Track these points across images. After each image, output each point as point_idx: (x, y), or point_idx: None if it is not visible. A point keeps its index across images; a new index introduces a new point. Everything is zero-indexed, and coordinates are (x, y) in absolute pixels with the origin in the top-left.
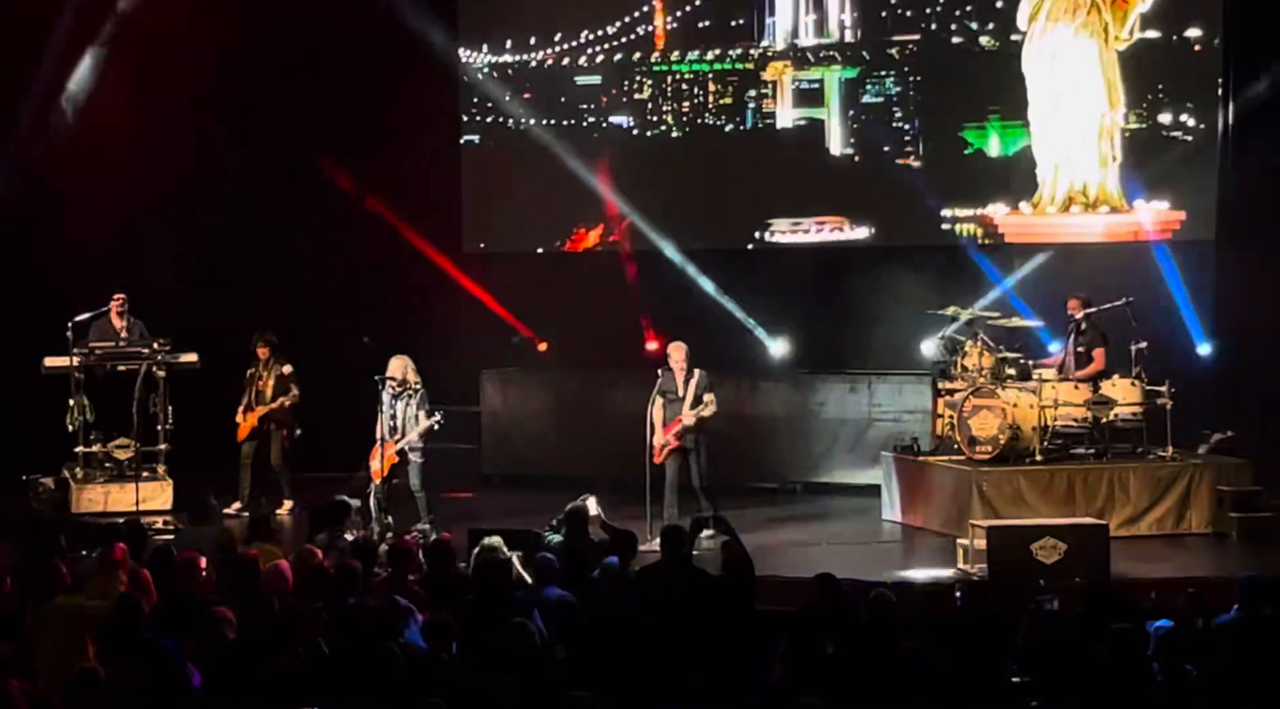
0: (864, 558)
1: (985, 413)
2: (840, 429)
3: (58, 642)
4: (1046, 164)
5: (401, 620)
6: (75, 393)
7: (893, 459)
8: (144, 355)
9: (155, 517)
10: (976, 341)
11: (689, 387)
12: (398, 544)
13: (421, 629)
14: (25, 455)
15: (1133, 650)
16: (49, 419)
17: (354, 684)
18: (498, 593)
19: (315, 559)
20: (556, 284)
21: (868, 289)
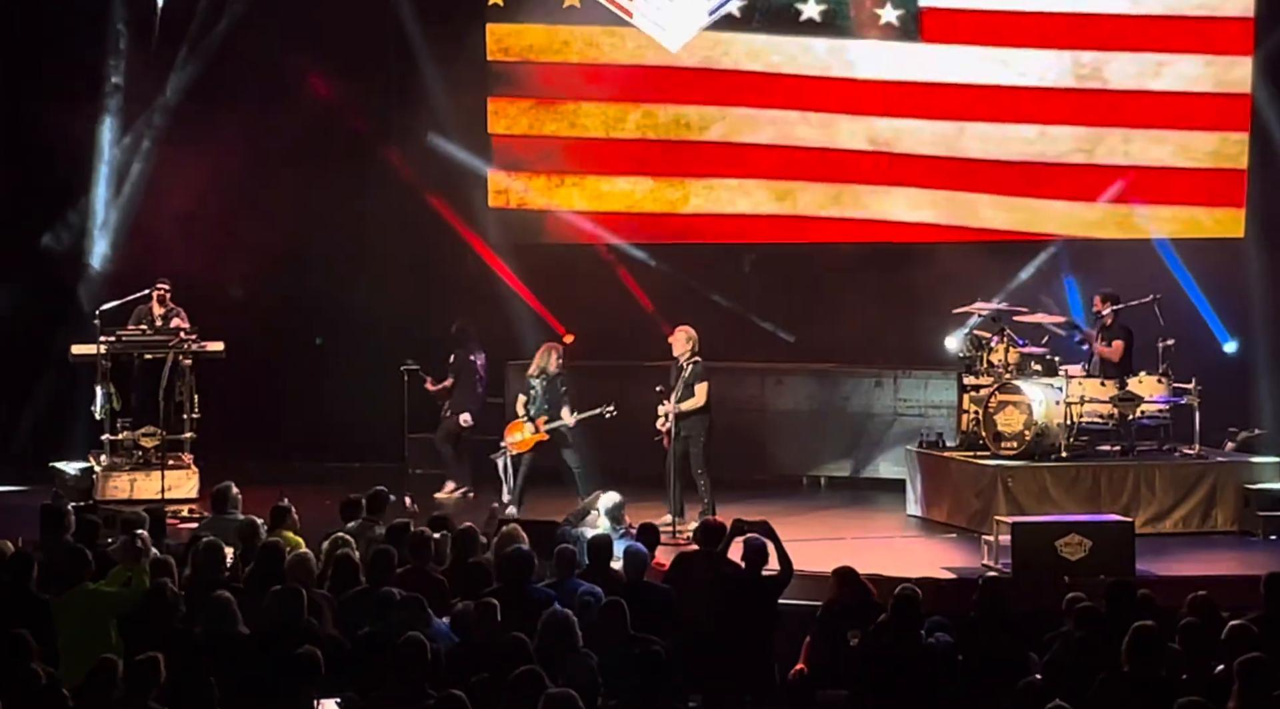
0: (888, 553)
1: (1011, 409)
2: (865, 424)
3: (80, 628)
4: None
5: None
6: (102, 381)
7: (917, 454)
8: (170, 344)
9: (181, 505)
10: (1002, 337)
11: (680, 377)
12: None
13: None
14: (52, 443)
15: (1155, 649)
16: (76, 407)
17: (378, 673)
18: (523, 584)
19: (340, 549)
20: (584, 275)
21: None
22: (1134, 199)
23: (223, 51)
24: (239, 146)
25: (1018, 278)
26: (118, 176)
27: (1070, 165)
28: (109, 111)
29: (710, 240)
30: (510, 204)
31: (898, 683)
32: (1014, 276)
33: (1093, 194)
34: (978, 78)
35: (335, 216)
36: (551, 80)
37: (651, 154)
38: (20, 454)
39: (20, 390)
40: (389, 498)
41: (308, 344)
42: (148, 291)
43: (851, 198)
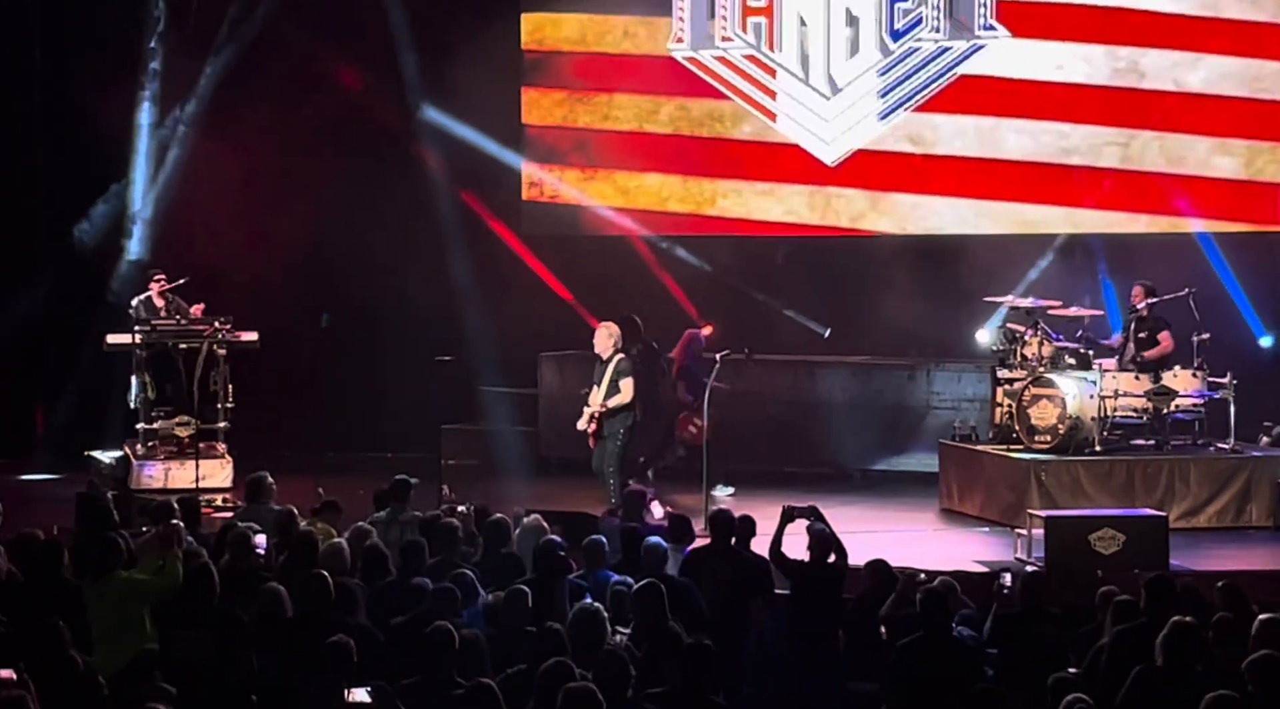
0: (920, 546)
1: (1045, 402)
2: (898, 417)
3: (114, 615)
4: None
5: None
6: (137, 370)
7: (950, 447)
8: (205, 334)
9: (215, 494)
10: (1036, 330)
11: (605, 372)
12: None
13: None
14: (88, 432)
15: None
16: (111, 396)
17: (409, 663)
18: (556, 575)
19: (370, 539)
20: (616, 267)
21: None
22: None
23: (258, 40)
24: (271, 136)
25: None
26: (154, 164)
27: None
28: (147, 98)
29: (742, 234)
30: (543, 197)
31: (929, 676)
32: (1042, 269)
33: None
34: (1013, 73)
35: (368, 207)
36: (586, 71)
37: (683, 149)
38: (56, 443)
39: (56, 380)
40: (411, 485)
41: (340, 335)
42: (182, 282)
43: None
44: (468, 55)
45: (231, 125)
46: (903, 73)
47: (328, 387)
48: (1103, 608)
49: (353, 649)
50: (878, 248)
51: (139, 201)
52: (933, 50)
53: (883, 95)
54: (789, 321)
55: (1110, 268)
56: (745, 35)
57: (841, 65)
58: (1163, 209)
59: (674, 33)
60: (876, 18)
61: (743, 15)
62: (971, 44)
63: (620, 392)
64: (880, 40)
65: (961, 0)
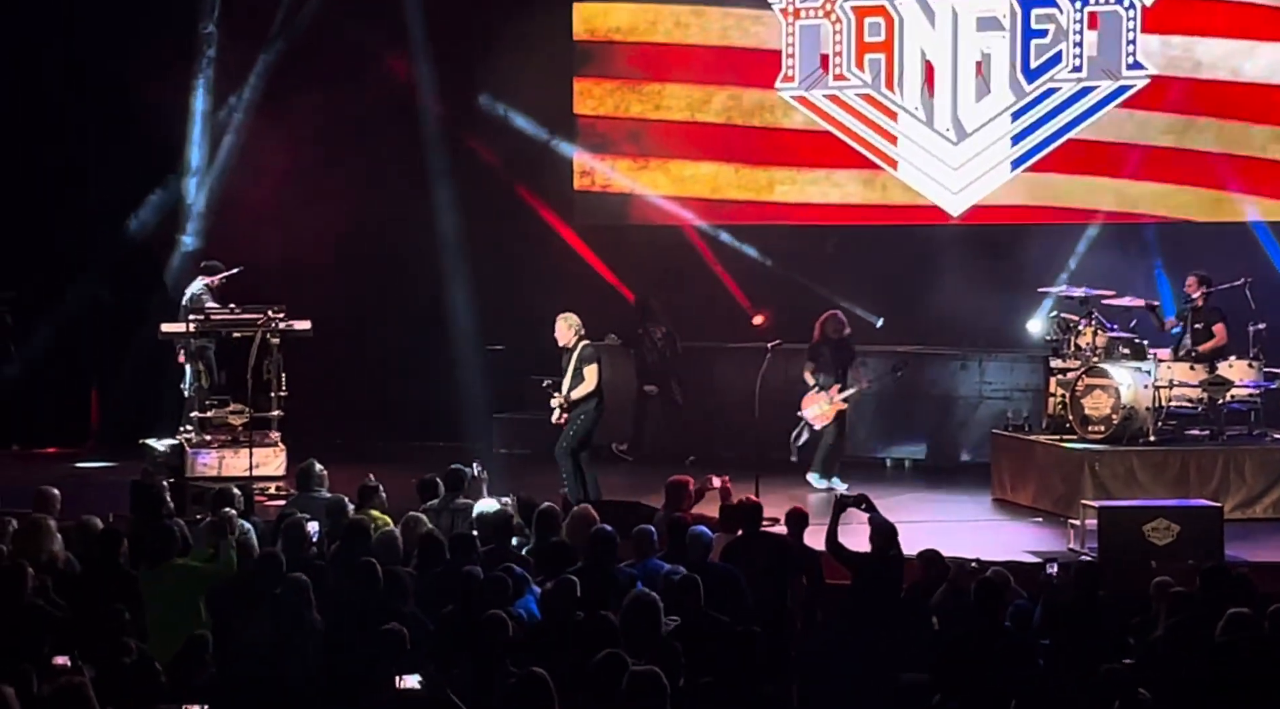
0: (972, 537)
1: (1098, 392)
2: (950, 406)
3: (169, 603)
4: None
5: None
6: (191, 359)
7: (1003, 437)
8: (258, 323)
9: (268, 482)
10: (1090, 320)
11: (570, 361)
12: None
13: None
14: (143, 420)
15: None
16: (166, 385)
17: (461, 651)
18: (607, 564)
19: (423, 527)
20: (666, 256)
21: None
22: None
23: (311, 29)
24: (325, 125)
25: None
26: (209, 153)
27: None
28: (201, 86)
29: (795, 222)
30: (595, 186)
31: (981, 667)
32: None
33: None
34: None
35: (420, 197)
36: (637, 60)
37: (735, 138)
38: (111, 431)
39: (111, 368)
40: (466, 475)
41: (394, 325)
42: (235, 271)
43: (938, 182)
44: (520, 45)
45: (285, 114)
46: (1038, 117)
47: (380, 375)
48: (1158, 598)
49: (405, 637)
50: (930, 237)
51: (193, 191)
52: (1073, 92)
53: (1016, 141)
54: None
55: (1165, 258)
56: (861, 73)
57: (970, 107)
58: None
59: (783, 71)
60: (1009, 55)
61: (859, 52)
62: (1117, 86)
63: (585, 379)
64: (1014, 80)
65: (1105, 36)
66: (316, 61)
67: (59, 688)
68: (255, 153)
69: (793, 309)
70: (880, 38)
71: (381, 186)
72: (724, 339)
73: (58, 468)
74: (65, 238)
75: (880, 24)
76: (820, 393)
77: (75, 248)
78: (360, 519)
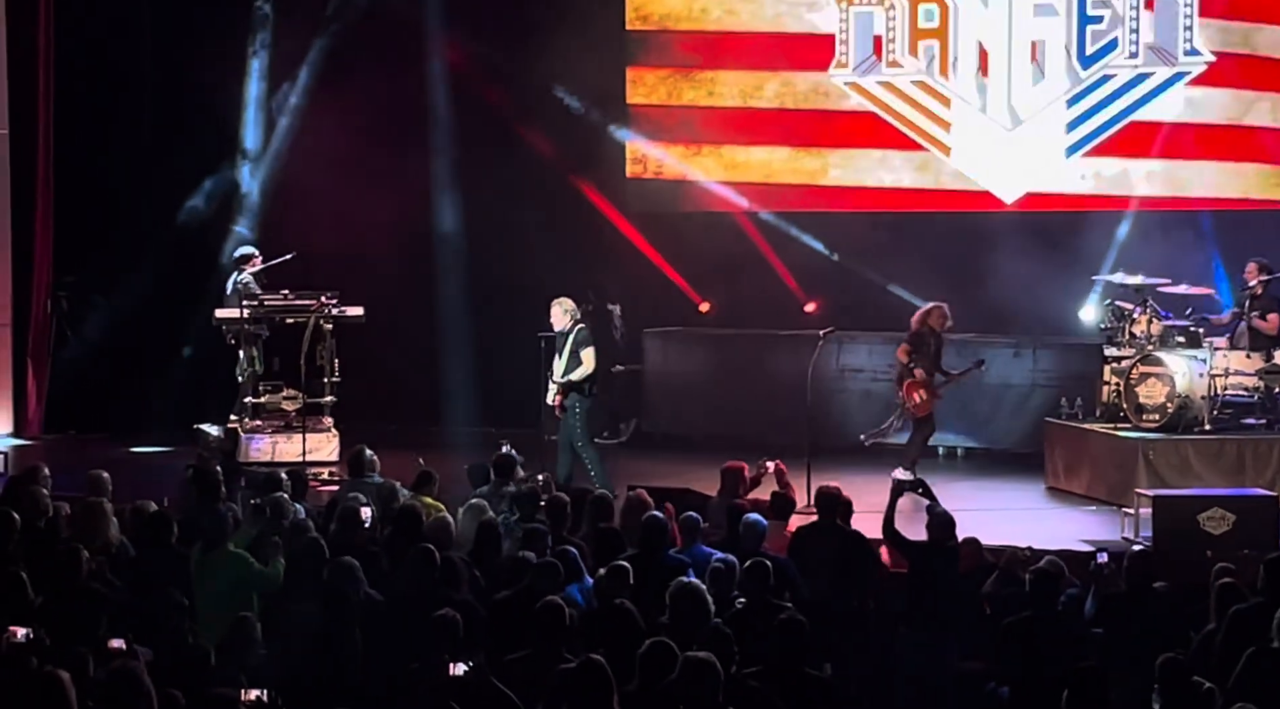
0: (1026, 525)
1: (1153, 381)
2: (1003, 394)
3: (221, 589)
4: None
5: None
6: (245, 344)
7: (1056, 426)
8: (312, 309)
9: (321, 467)
10: (1145, 308)
11: (565, 344)
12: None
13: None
14: (196, 405)
15: None
16: (220, 370)
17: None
18: (658, 551)
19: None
20: (719, 243)
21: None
22: None
23: (366, 15)
24: (379, 112)
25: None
26: (263, 140)
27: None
28: (256, 72)
29: (848, 209)
30: (647, 173)
31: (1036, 655)
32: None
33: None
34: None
35: (473, 184)
36: (690, 48)
37: (789, 123)
38: (165, 416)
39: (165, 353)
40: (515, 461)
41: (446, 311)
42: (289, 257)
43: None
44: (572, 34)
45: (339, 100)
46: (1094, 103)
47: (432, 362)
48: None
49: (459, 624)
50: (983, 223)
51: (247, 177)
52: (1129, 78)
53: (1071, 128)
54: (892, 297)
55: (1222, 247)
56: (915, 60)
57: (1024, 94)
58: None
59: (836, 57)
60: (1065, 41)
61: (912, 38)
62: (1174, 72)
63: (583, 363)
64: (1069, 66)
65: (1161, 21)
66: (371, 46)
67: (113, 672)
68: (309, 138)
69: (845, 296)
70: (934, 24)
71: (433, 173)
72: (776, 326)
73: (113, 453)
74: (123, 224)
75: (934, 10)
76: (920, 381)
77: (132, 234)
78: (413, 505)
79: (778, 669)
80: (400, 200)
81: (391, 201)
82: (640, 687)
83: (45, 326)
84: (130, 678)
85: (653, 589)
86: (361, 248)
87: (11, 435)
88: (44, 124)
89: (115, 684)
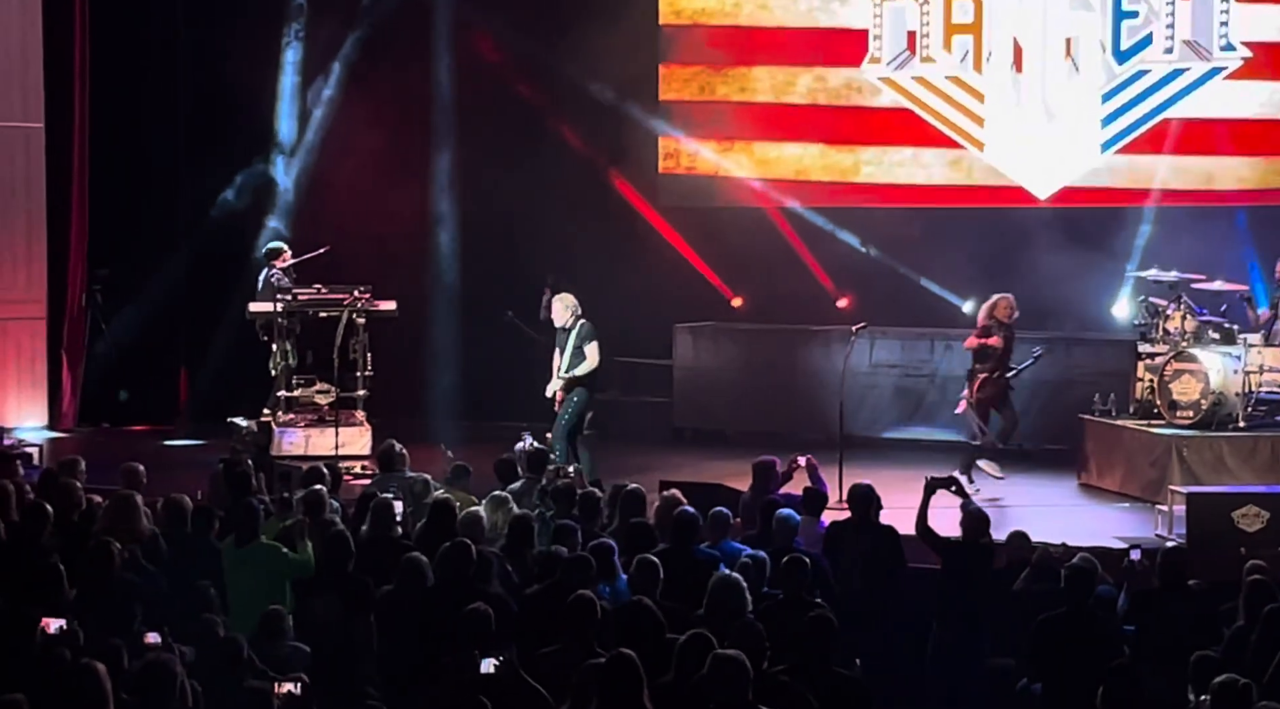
0: (1059, 521)
1: (1187, 377)
2: (1037, 390)
3: (254, 582)
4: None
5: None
6: (278, 338)
7: (1090, 422)
8: (345, 303)
9: (353, 461)
10: (1179, 304)
11: (568, 339)
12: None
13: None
14: (229, 398)
15: None
16: (253, 363)
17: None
18: (688, 546)
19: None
20: (751, 238)
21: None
22: None
23: (400, 8)
24: (412, 105)
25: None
26: (297, 132)
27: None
28: (290, 64)
29: (881, 205)
30: (679, 168)
31: (1069, 653)
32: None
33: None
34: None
35: (505, 178)
36: (722, 43)
37: (822, 119)
38: (199, 409)
39: (198, 347)
40: (548, 455)
41: (478, 306)
42: (322, 251)
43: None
44: (605, 28)
45: (372, 94)
46: (1129, 98)
47: (464, 356)
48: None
49: (491, 618)
50: (1017, 219)
51: (281, 170)
52: (1165, 73)
53: (1106, 123)
54: (926, 293)
55: (1257, 242)
56: (949, 55)
57: (1059, 89)
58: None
59: (870, 52)
60: (1100, 37)
61: (946, 33)
62: (1210, 67)
63: (587, 358)
64: (1104, 62)
65: (1197, 17)
66: (403, 40)
67: (147, 664)
68: (342, 131)
69: (877, 291)
70: (968, 19)
71: (467, 168)
72: (808, 321)
73: (146, 445)
74: (157, 217)
75: (969, 5)
76: (988, 375)
77: (166, 227)
78: (446, 498)
79: (807, 666)
80: (431, 194)
81: (422, 195)
82: (675, 679)
83: (80, 320)
84: (164, 670)
85: (683, 584)
86: (393, 241)
87: (46, 428)
88: (79, 119)
89: (148, 677)
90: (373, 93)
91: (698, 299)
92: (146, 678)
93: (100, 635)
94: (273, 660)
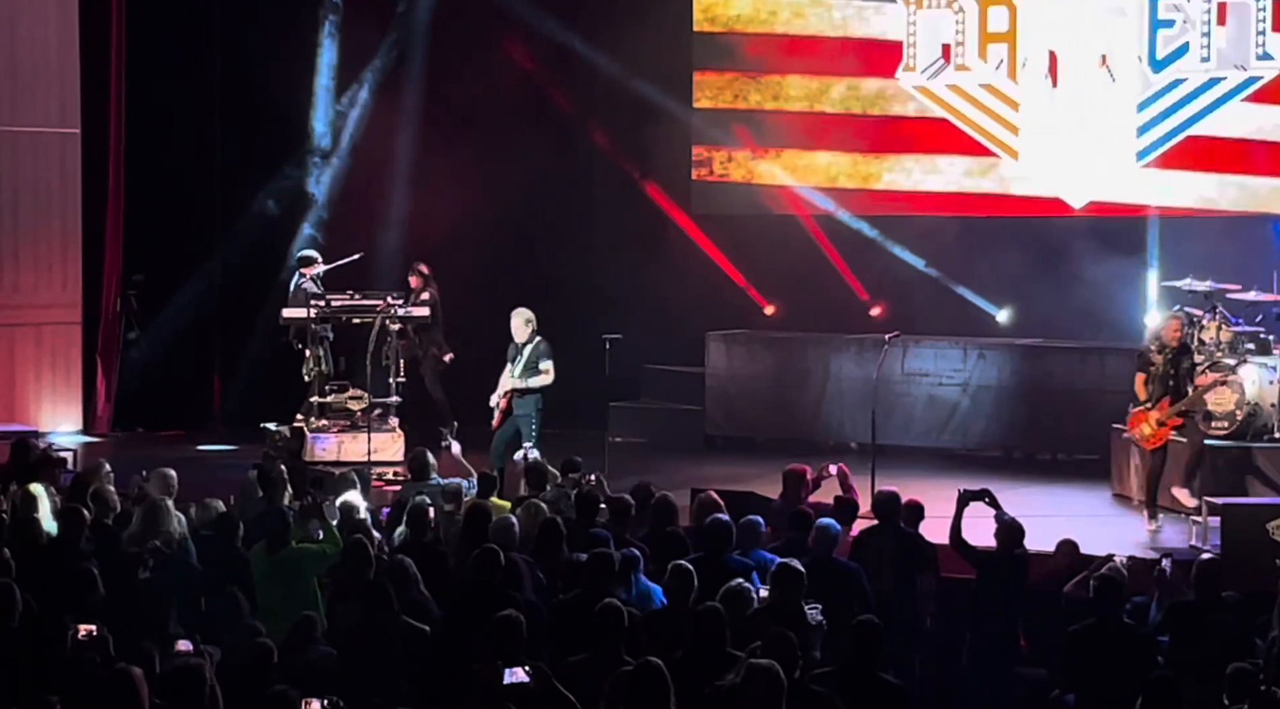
0: (1093, 531)
1: (1222, 388)
2: (1070, 400)
3: (284, 588)
4: None
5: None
6: (311, 344)
7: (1123, 432)
8: (378, 309)
9: (386, 467)
10: (1215, 315)
11: (522, 353)
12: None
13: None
14: (262, 404)
15: None
16: (286, 369)
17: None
18: (720, 553)
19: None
20: (784, 246)
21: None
22: None
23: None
24: (445, 111)
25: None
26: (331, 137)
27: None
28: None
29: (914, 213)
30: (712, 175)
31: (1101, 664)
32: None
33: None
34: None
35: (538, 184)
36: (757, 51)
37: (854, 128)
38: (232, 415)
39: (232, 352)
40: (579, 464)
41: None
42: (356, 257)
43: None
44: (640, 35)
45: (405, 98)
46: (1164, 108)
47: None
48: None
49: (522, 624)
50: (1051, 228)
51: (315, 174)
52: (1200, 83)
53: (1141, 133)
54: (960, 301)
55: None
56: (984, 63)
57: (1094, 98)
58: None
59: (904, 60)
60: (1135, 46)
61: (981, 41)
62: (1246, 77)
63: (543, 373)
64: (1140, 71)
65: (1234, 27)
66: (437, 45)
67: (178, 668)
68: (375, 136)
69: (910, 300)
70: (1004, 27)
71: (500, 174)
72: (841, 329)
73: (180, 450)
74: (192, 222)
75: (1004, 13)
76: (1148, 409)
77: (201, 232)
78: (480, 504)
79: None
80: (465, 201)
81: (456, 201)
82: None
83: (114, 325)
84: (194, 675)
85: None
86: (427, 248)
87: (81, 432)
88: (115, 124)
89: (179, 680)
90: (406, 97)
91: (730, 306)
92: (176, 681)
93: (132, 639)
94: (302, 666)
